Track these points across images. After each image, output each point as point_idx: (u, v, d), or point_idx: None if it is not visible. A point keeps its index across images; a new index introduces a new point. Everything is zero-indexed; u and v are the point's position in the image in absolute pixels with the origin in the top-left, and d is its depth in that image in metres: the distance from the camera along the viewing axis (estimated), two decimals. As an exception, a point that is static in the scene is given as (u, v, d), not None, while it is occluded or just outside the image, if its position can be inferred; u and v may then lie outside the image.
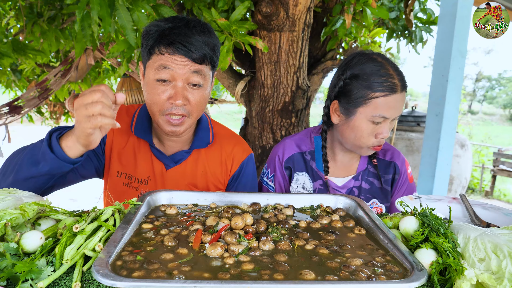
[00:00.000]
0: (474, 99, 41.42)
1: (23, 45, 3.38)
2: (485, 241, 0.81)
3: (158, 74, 1.25)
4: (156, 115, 1.31)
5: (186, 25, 1.26)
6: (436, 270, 0.80)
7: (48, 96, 3.96)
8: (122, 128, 1.46)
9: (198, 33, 1.26)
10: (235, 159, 1.53)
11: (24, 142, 1.60)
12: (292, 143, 1.64)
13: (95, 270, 0.68)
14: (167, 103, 1.28)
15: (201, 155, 1.50)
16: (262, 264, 0.78)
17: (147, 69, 1.30)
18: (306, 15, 2.59)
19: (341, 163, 1.61)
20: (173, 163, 1.46)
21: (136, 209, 0.98)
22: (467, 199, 1.31)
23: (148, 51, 1.28)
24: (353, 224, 1.02)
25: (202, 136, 1.48)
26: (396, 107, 1.36)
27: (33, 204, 0.89)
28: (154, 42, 1.25)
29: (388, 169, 1.61)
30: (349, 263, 0.79)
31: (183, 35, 1.24)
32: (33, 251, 0.83)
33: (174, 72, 1.25)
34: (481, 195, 9.60)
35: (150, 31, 1.28)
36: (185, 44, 1.23)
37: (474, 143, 13.09)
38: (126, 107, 1.52)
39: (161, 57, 1.25)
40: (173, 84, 1.26)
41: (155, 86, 1.27)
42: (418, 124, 6.11)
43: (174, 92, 1.26)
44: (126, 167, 1.46)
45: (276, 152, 1.65)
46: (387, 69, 1.36)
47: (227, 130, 1.62)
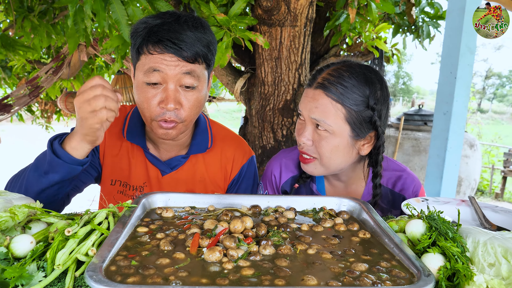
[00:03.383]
0: (484, 97, 41.43)
1: (13, 41, 3.38)
2: (495, 245, 0.81)
3: (148, 77, 1.21)
4: (148, 120, 1.29)
5: (176, 21, 1.22)
6: (444, 276, 0.80)
7: (39, 94, 3.96)
8: (114, 133, 1.45)
9: (189, 29, 1.21)
10: (235, 163, 1.51)
11: (14, 142, 1.60)
12: (288, 163, 1.52)
13: (88, 275, 0.68)
14: (157, 108, 1.24)
15: (199, 160, 1.47)
16: (262, 269, 0.78)
17: (137, 71, 1.27)
18: (308, 9, 2.59)
19: (340, 189, 1.48)
20: (169, 169, 1.44)
21: (131, 212, 0.98)
22: (476, 202, 1.31)
23: (137, 50, 1.24)
24: (358, 228, 1.02)
25: (200, 140, 1.45)
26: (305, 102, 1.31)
27: (24, 207, 0.89)
28: (142, 40, 1.21)
29: (397, 203, 1.42)
30: (353, 268, 0.79)
31: (173, 31, 1.19)
32: (23, 256, 0.82)
33: (165, 74, 1.20)
34: (491, 197, 9.60)
35: (138, 29, 1.24)
36: (174, 41, 1.18)
37: (484, 143, 13.09)
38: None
39: (150, 58, 1.21)
40: (164, 87, 1.22)
41: (145, 89, 1.24)
42: (425, 123, 6.12)
43: (165, 96, 1.22)
44: (120, 175, 1.45)
45: (272, 172, 1.53)
46: None
47: (228, 131, 1.59)
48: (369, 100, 1.26)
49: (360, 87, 1.25)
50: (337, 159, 1.31)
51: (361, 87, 1.25)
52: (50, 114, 6.58)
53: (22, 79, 5.16)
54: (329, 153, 1.28)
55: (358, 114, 1.26)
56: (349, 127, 1.27)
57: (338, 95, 1.24)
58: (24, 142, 14.13)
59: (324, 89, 1.26)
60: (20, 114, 5.78)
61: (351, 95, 1.24)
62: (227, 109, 24.13)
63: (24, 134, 15.10)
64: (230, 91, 3.31)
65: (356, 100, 1.25)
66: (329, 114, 1.25)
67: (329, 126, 1.25)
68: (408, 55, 41.36)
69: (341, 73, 1.27)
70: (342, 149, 1.29)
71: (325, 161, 1.31)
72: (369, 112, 1.27)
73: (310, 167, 1.35)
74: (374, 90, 1.27)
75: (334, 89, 1.25)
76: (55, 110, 6.47)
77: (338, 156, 1.30)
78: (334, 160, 1.30)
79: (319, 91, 1.27)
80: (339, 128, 1.26)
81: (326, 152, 1.28)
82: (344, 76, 1.26)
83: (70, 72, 4.11)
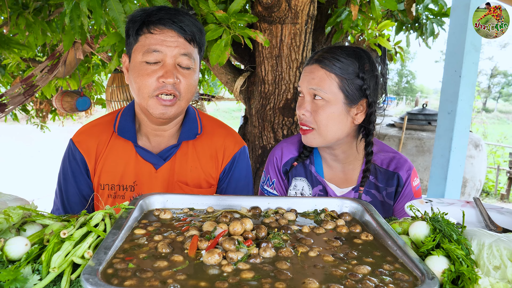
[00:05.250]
0: (489, 96, 41.43)
1: (7, 38, 3.37)
2: (500, 247, 0.81)
3: (147, 57, 1.31)
4: (146, 98, 1.34)
5: (173, 9, 1.36)
6: (448, 279, 0.80)
7: (34, 93, 3.96)
8: (103, 140, 1.48)
9: (184, 14, 1.35)
10: (226, 151, 1.54)
11: (8, 142, 1.62)
12: (289, 146, 1.65)
13: (84, 278, 0.68)
14: (157, 82, 1.32)
15: (190, 148, 1.51)
16: (262, 272, 0.78)
17: (134, 53, 1.35)
18: (309, 6, 2.59)
19: (338, 170, 1.60)
20: (162, 161, 1.47)
21: (128, 214, 0.98)
22: (481, 203, 1.31)
23: (136, 32, 1.33)
24: (360, 230, 1.02)
25: (189, 127, 1.50)
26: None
27: (18, 208, 0.89)
28: (142, 23, 1.32)
29: (391, 181, 1.55)
30: (356, 271, 0.79)
31: (171, 14, 1.32)
32: (18, 259, 0.82)
33: (164, 55, 1.31)
34: (496, 199, 9.60)
35: (135, 15, 1.34)
36: (174, 20, 1.31)
37: (489, 143, 13.10)
38: (106, 119, 1.53)
39: (150, 37, 1.31)
40: (162, 64, 1.32)
41: (144, 67, 1.32)
42: (429, 123, 6.12)
43: (165, 71, 1.31)
44: (109, 178, 1.47)
45: (273, 155, 1.66)
46: None
47: (217, 121, 1.64)
48: (359, 71, 1.45)
49: (350, 59, 1.45)
50: (333, 126, 1.46)
51: (351, 59, 1.45)
52: (45, 114, 6.58)
53: (17, 77, 5.17)
54: (326, 120, 1.44)
55: (350, 82, 1.44)
56: (342, 94, 1.44)
57: (331, 66, 1.43)
58: (18, 142, 14.15)
59: (319, 62, 1.45)
60: (15, 114, 5.77)
61: (343, 66, 1.44)
62: (227, 109, 24.13)
63: (18, 134, 15.11)
64: (230, 90, 3.31)
65: (347, 70, 1.44)
66: (324, 83, 1.43)
67: (325, 94, 1.43)
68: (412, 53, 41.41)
69: (333, 50, 1.47)
70: (337, 116, 1.45)
71: (323, 129, 1.46)
72: (360, 81, 1.45)
73: (309, 138, 1.50)
74: (363, 63, 1.46)
75: (328, 62, 1.44)
76: (50, 110, 6.47)
77: (334, 123, 1.45)
78: (331, 127, 1.45)
79: (315, 65, 1.46)
80: (334, 95, 1.43)
81: (323, 120, 1.44)
82: (337, 51, 1.46)
83: (66, 71, 4.11)
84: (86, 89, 5.78)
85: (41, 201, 1.16)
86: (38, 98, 6.00)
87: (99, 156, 1.47)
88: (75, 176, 1.48)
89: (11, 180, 8.99)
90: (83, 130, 1.52)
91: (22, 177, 9.41)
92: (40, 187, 8.13)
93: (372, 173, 1.57)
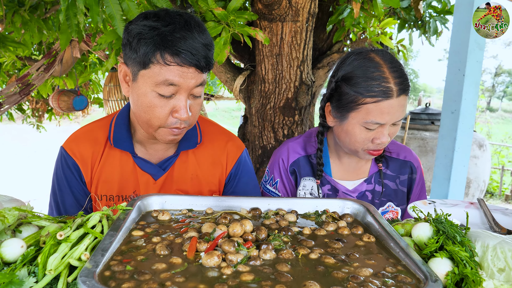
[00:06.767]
0: (493, 95, 41.45)
1: (3, 36, 3.38)
2: (505, 249, 0.81)
3: (161, 89, 1.20)
4: (155, 128, 1.28)
5: (185, 26, 1.20)
6: (451, 281, 0.80)
7: (30, 92, 3.97)
8: (97, 151, 1.44)
9: (198, 35, 1.21)
10: (229, 156, 1.52)
11: (4, 141, 1.61)
12: (296, 145, 1.65)
13: (81, 281, 0.68)
14: (171, 117, 1.25)
15: (190, 157, 1.48)
16: (262, 275, 0.78)
17: (142, 78, 1.23)
18: (310, 3, 2.59)
19: (349, 165, 1.61)
20: (161, 172, 1.44)
21: (126, 215, 0.98)
22: (485, 204, 1.31)
23: (146, 56, 1.19)
24: (362, 231, 1.02)
25: (189, 136, 1.46)
26: (392, 112, 1.34)
27: (14, 209, 0.89)
28: (156, 48, 1.18)
29: (403, 169, 1.62)
30: (358, 274, 0.79)
31: (189, 39, 1.18)
32: (13, 261, 0.83)
33: (180, 88, 1.21)
34: (500, 200, 9.59)
35: (143, 32, 1.19)
36: (193, 53, 1.18)
37: (493, 143, 13.09)
38: (99, 124, 1.49)
39: (166, 69, 1.18)
40: (175, 96, 1.23)
41: (156, 99, 1.23)
42: (432, 123, 6.12)
43: (179, 107, 1.23)
44: (106, 188, 1.45)
45: (280, 156, 1.65)
46: (382, 71, 1.33)
47: (216, 126, 1.61)
48: None
49: None
50: None
51: None
52: (42, 113, 6.58)
53: (12, 76, 5.17)
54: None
55: None
56: None
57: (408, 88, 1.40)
58: (14, 142, 14.15)
59: (405, 92, 1.38)
60: (10, 113, 5.78)
61: None
62: (226, 108, 24.14)
63: (14, 134, 15.12)
64: (229, 89, 3.31)
65: None
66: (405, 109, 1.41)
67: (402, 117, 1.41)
68: (415, 51, 41.39)
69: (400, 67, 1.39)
70: None
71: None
72: None
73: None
74: None
75: (408, 85, 1.39)
76: (46, 109, 6.47)
77: None
78: None
79: (403, 96, 1.36)
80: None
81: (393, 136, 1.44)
82: (402, 68, 1.40)
83: (62, 69, 4.12)
84: (83, 88, 5.78)
85: (37, 202, 1.16)
86: (34, 97, 6.01)
87: (95, 165, 1.43)
88: (71, 186, 1.44)
89: (6, 180, 9.00)
90: (74, 136, 1.46)
91: (18, 178, 9.42)
92: (36, 188, 8.13)
93: (383, 163, 1.61)
